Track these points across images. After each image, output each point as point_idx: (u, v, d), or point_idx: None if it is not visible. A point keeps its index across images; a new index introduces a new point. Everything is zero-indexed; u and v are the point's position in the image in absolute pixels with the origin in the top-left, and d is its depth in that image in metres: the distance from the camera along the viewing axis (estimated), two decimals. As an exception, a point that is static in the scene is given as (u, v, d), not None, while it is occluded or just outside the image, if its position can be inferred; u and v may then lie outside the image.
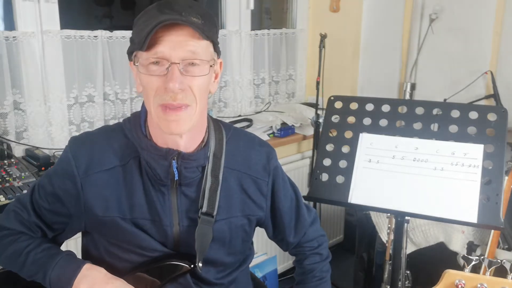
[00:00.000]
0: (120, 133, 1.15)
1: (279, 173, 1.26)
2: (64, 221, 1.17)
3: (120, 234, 1.12)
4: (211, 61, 1.05)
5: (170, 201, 1.12)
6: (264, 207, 1.23)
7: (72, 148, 1.13)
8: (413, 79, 2.92)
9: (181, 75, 1.00)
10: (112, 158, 1.12)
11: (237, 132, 1.24)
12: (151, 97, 1.03)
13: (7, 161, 2.00)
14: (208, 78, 1.06)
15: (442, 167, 1.35)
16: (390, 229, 2.08)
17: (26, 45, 2.07)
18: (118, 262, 1.15)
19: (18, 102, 2.13)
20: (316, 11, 3.24)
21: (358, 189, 1.41)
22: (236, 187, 1.18)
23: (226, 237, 1.17)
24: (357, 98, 1.55)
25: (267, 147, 1.27)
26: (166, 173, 1.09)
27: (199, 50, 1.01)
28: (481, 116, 1.37)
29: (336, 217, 3.23)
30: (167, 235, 1.13)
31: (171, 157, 1.08)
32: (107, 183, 1.11)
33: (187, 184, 1.12)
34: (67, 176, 1.12)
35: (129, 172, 1.11)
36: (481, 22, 2.64)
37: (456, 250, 2.07)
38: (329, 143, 1.50)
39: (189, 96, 1.02)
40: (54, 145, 2.20)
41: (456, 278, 0.98)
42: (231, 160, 1.17)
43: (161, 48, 0.99)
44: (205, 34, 1.00)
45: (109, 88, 2.37)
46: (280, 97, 3.25)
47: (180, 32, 0.99)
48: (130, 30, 1.08)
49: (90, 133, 1.19)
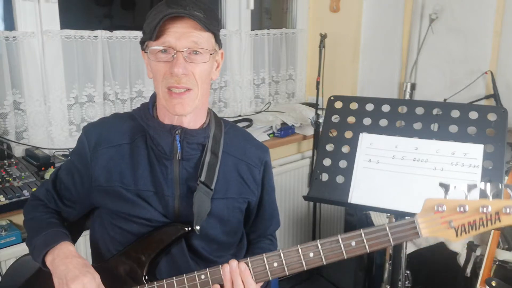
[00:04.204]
0: (130, 118, 1.29)
1: (269, 168, 1.38)
2: (74, 198, 1.30)
3: (124, 204, 1.21)
4: (212, 50, 1.19)
5: (172, 173, 1.22)
6: (256, 193, 1.34)
7: (85, 130, 1.28)
8: (413, 79, 2.92)
9: (185, 61, 1.14)
10: (120, 137, 1.25)
11: (234, 126, 1.38)
12: (159, 81, 1.17)
13: (7, 161, 2.00)
14: (209, 65, 1.20)
15: (442, 167, 1.35)
16: (390, 229, 2.08)
17: (26, 45, 2.07)
18: (122, 234, 1.23)
19: (18, 102, 2.13)
20: (316, 11, 3.24)
21: (358, 189, 1.41)
22: (233, 171, 1.29)
23: (224, 215, 1.26)
24: (357, 98, 1.55)
25: (262, 143, 1.40)
26: (170, 146, 1.21)
27: (201, 40, 1.15)
28: (481, 116, 1.37)
29: (336, 217, 3.23)
30: (168, 206, 1.22)
31: (174, 132, 1.21)
32: (113, 157, 1.23)
33: (188, 159, 1.23)
34: (80, 155, 1.26)
35: (135, 148, 1.24)
36: (481, 22, 2.64)
37: (456, 250, 2.07)
38: (329, 143, 1.50)
39: (191, 81, 1.16)
40: (54, 145, 2.21)
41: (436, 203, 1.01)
42: (229, 147, 1.29)
43: (167, 38, 1.13)
44: (207, 26, 1.14)
45: (109, 88, 2.37)
46: (280, 97, 3.25)
47: (184, 24, 1.13)
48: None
49: (103, 117, 1.36)
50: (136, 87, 2.49)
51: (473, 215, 1.00)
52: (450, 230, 1.01)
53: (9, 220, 1.83)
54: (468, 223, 1.00)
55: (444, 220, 1.01)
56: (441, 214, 1.01)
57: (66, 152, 2.19)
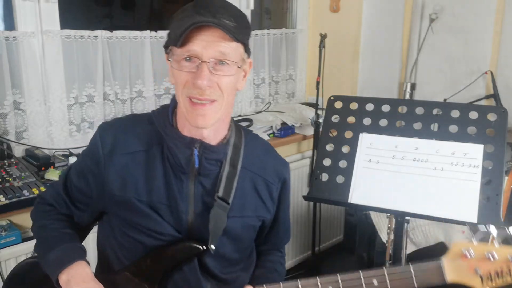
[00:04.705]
0: (147, 121, 1.22)
1: (288, 185, 1.32)
2: (87, 201, 1.23)
3: (135, 215, 1.16)
4: (239, 62, 1.12)
5: (188, 188, 1.16)
6: (271, 211, 1.28)
7: (100, 131, 1.21)
8: (413, 79, 2.92)
9: (210, 73, 1.07)
10: (136, 143, 1.18)
11: (255, 137, 1.32)
12: (180, 89, 1.10)
13: (7, 161, 2.00)
14: (235, 77, 1.13)
15: (442, 167, 1.35)
16: (390, 229, 2.08)
17: (26, 45, 2.07)
18: (131, 243, 1.19)
19: (18, 102, 2.13)
20: (316, 11, 3.24)
21: (358, 189, 1.41)
22: (250, 188, 1.23)
23: (237, 234, 1.21)
24: (357, 98, 1.55)
25: (283, 159, 1.34)
26: (188, 160, 1.15)
27: (228, 51, 1.08)
28: (481, 116, 1.37)
29: (336, 217, 3.22)
30: (182, 221, 1.17)
31: (193, 146, 1.15)
32: (128, 165, 1.17)
33: (205, 174, 1.17)
34: (93, 156, 1.19)
35: (151, 157, 1.17)
36: (481, 22, 2.64)
37: (456, 250, 2.07)
38: (329, 143, 1.50)
39: (216, 92, 1.09)
40: (54, 145, 2.21)
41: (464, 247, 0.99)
42: (248, 161, 1.22)
43: (193, 46, 1.06)
44: (236, 36, 1.07)
45: (109, 88, 2.37)
46: (280, 97, 3.25)
47: (212, 33, 1.05)
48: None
49: (119, 119, 1.29)
50: (136, 87, 2.49)
51: (501, 264, 0.97)
52: (476, 278, 0.99)
53: (9, 220, 1.82)
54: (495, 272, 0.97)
55: (471, 266, 0.99)
56: (469, 260, 0.99)
57: (66, 152, 2.19)
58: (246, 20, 1.14)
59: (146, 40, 2.44)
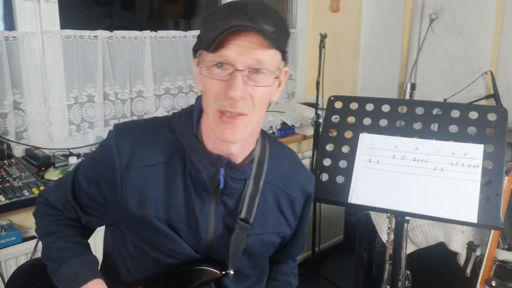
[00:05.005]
0: (168, 128, 1.11)
1: (311, 199, 1.25)
2: (99, 208, 1.15)
3: (152, 233, 1.09)
4: (276, 71, 1.01)
5: (209, 207, 1.09)
6: (293, 226, 1.22)
7: (116, 138, 1.09)
8: (413, 79, 2.92)
9: (244, 83, 0.96)
10: (155, 154, 1.08)
11: (281, 148, 1.23)
12: (210, 100, 1.00)
13: (7, 161, 2.00)
14: (271, 88, 1.02)
15: (442, 167, 1.35)
16: (390, 229, 2.08)
17: (26, 45, 2.07)
18: (144, 258, 1.12)
19: (18, 102, 2.13)
20: (316, 11, 3.24)
21: (358, 189, 1.41)
22: (273, 203, 1.16)
23: (255, 252, 1.16)
24: (357, 98, 1.55)
25: (310, 172, 1.28)
26: (212, 179, 1.06)
27: (266, 58, 0.97)
28: (481, 116, 1.37)
29: (336, 217, 3.22)
30: (201, 241, 1.10)
31: (220, 165, 1.06)
32: (147, 180, 1.07)
33: (229, 194, 1.10)
34: (108, 166, 1.08)
35: (171, 171, 1.08)
36: (481, 22, 2.64)
37: (456, 250, 2.07)
38: (329, 143, 1.50)
39: (248, 105, 0.99)
40: (54, 145, 2.21)
41: None
42: (271, 175, 1.14)
43: (227, 52, 0.95)
44: (275, 43, 0.97)
45: (109, 88, 2.37)
46: (280, 97, 3.24)
47: (249, 38, 0.95)
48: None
49: (137, 124, 1.16)
50: (136, 87, 2.49)
51: None
52: None
53: (9, 220, 1.82)
54: None
55: None
56: None
57: (66, 152, 2.19)
58: (286, 24, 1.04)
59: (146, 40, 2.44)
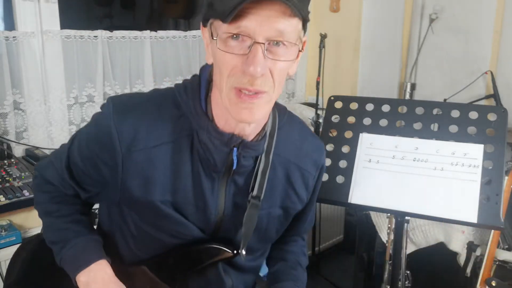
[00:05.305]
0: (173, 104, 1.01)
1: (324, 169, 1.19)
2: (97, 188, 1.08)
3: (157, 217, 1.02)
4: (298, 41, 0.91)
5: (219, 188, 1.03)
6: (305, 200, 1.16)
7: (115, 117, 0.98)
8: (413, 79, 2.92)
9: (264, 57, 0.86)
10: (160, 133, 0.98)
11: (291, 118, 1.15)
12: (225, 76, 0.90)
13: (7, 161, 2.00)
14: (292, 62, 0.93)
15: (442, 167, 1.35)
16: (390, 229, 2.08)
17: (26, 45, 2.07)
18: (148, 238, 1.06)
19: (18, 102, 2.13)
20: (316, 11, 3.23)
21: (358, 189, 1.41)
22: (283, 177, 1.09)
23: (262, 227, 1.10)
24: (357, 98, 1.55)
25: (319, 139, 1.20)
26: (224, 160, 0.99)
27: (288, 29, 0.87)
28: (481, 116, 1.37)
29: (336, 217, 3.22)
30: (209, 222, 1.04)
31: (233, 145, 0.99)
32: (151, 162, 0.98)
33: (240, 172, 1.03)
34: (107, 148, 0.99)
35: (177, 151, 0.99)
36: (481, 22, 2.64)
37: (456, 250, 2.07)
38: (329, 143, 1.50)
39: (268, 82, 0.90)
40: (54, 145, 2.21)
41: None
42: (281, 147, 1.07)
43: (245, 22, 0.84)
44: (299, 11, 0.86)
45: (109, 88, 2.37)
46: (280, 97, 3.24)
47: (270, 6, 0.84)
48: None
49: (137, 99, 1.03)
50: (136, 87, 2.49)
51: None
52: None
53: (9, 220, 1.82)
54: None
55: None
56: None
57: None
58: None
59: (146, 40, 2.44)
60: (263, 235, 1.12)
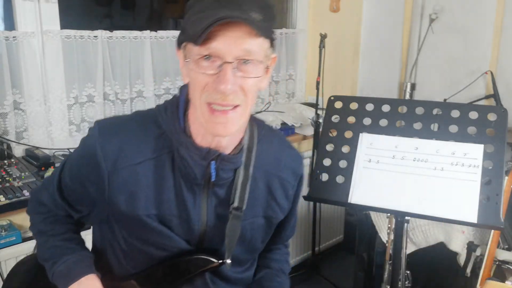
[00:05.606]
0: (154, 123, 1.08)
1: (303, 180, 1.27)
2: (87, 208, 1.15)
3: (143, 230, 1.08)
4: (265, 60, 0.99)
5: (201, 200, 1.08)
6: (286, 210, 1.23)
7: (100, 138, 1.06)
8: (413, 79, 2.92)
9: (233, 75, 0.94)
10: (143, 150, 1.05)
11: (269, 131, 1.21)
12: (198, 93, 0.97)
13: (7, 161, 2.01)
14: (261, 77, 1.00)
15: (442, 167, 1.35)
16: (390, 229, 2.08)
17: (26, 45, 2.07)
18: (136, 252, 1.12)
19: (18, 102, 2.13)
20: (316, 11, 3.24)
21: (358, 189, 1.41)
22: (264, 187, 1.15)
23: (247, 237, 1.15)
24: (357, 98, 1.55)
25: (297, 151, 1.28)
26: (203, 173, 1.05)
27: (255, 48, 0.94)
28: (481, 116, 1.37)
29: (336, 217, 3.22)
30: (193, 233, 1.10)
31: (210, 158, 1.05)
32: (135, 178, 1.05)
33: (220, 185, 1.09)
34: (93, 166, 1.06)
35: (160, 166, 1.06)
36: (481, 22, 2.64)
37: (456, 250, 2.07)
38: (329, 143, 1.50)
39: (239, 97, 0.96)
40: (54, 145, 2.21)
41: None
42: (261, 159, 1.13)
43: (215, 44, 0.92)
44: (264, 32, 0.94)
45: (109, 88, 2.37)
46: (280, 97, 3.25)
47: (237, 28, 0.91)
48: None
49: (120, 121, 1.12)
50: (136, 87, 2.49)
51: None
52: None
53: (9, 220, 1.82)
54: None
55: None
56: None
57: (66, 152, 2.19)
58: (273, 10, 1.00)
59: (146, 40, 2.44)
60: (248, 245, 1.18)
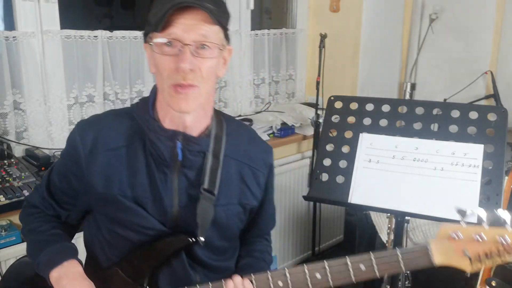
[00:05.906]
0: (127, 116, 1.21)
1: (273, 170, 1.33)
2: (71, 201, 1.24)
3: (121, 211, 1.16)
4: (220, 45, 1.13)
5: (172, 181, 1.17)
6: (258, 197, 1.29)
7: (79, 130, 1.19)
8: (413, 79, 2.92)
9: (192, 56, 1.06)
10: (117, 139, 1.18)
11: (238, 124, 1.33)
12: (164, 77, 1.09)
13: (7, 161, 2.00)
14: (217, 61, 1.13)
15: (442, 167, 1.35)
16: (390, 229, 2.08)
17: (26, 45, 2.07)
18: (118, 240, 1.19)
19: (18, 102, 2.13)
20: (316, 11, 3.24)
21: (358, 189, 1.41)
22: (235, 175, 1.23)
23: (223, 223, 1.22)
24: (357, 98, 1.55)
25: (266, 143, 1.35)
26: (171, 153, 1.15)
27: (210, 34, 1.08)
28: (481, 116, 1.37)
29: (336, 217, 3.22)
30: (167, 214, 1.17)
31: (176, 138, 1.15)
32: (110, 162, 1.16)
33: (189, 166, 1.17)
34: (74, 157, 1.18)
35: (133, 152, 1.17)
36: (481, 22, 2.64)
37: (456, 250, 2.07)
38: (329, 143, 1.50)
39: (198, 77, 1.08)
40: (54, 145, 2.20)
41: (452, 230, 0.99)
42: (232, 150, 1.23)
43: (174, 30, 1.05)
44: (217, 19, 1.08)
45: (109, 88, 2.37)
46: (280, 97, 3.25)
47: (193, 15, 1.06)
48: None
49: (98, 116, 1.26)
50: (136, 87, 2.48)
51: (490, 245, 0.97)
52: (464, 259, 0.98)
53: (9, 220, 1.82)
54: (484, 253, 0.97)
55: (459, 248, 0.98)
56: (456, 242, 0.99)
57: (66, 152, 2.19)
58: (225, 5, 1.16)
59: (146, 40, 2.44)
60: (225, 232, 1.24)
